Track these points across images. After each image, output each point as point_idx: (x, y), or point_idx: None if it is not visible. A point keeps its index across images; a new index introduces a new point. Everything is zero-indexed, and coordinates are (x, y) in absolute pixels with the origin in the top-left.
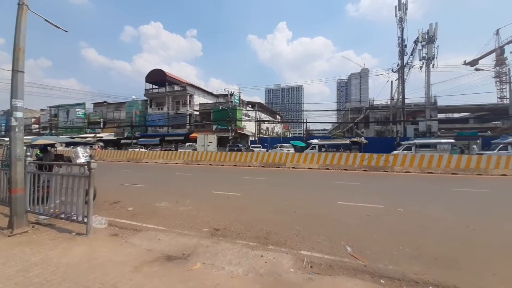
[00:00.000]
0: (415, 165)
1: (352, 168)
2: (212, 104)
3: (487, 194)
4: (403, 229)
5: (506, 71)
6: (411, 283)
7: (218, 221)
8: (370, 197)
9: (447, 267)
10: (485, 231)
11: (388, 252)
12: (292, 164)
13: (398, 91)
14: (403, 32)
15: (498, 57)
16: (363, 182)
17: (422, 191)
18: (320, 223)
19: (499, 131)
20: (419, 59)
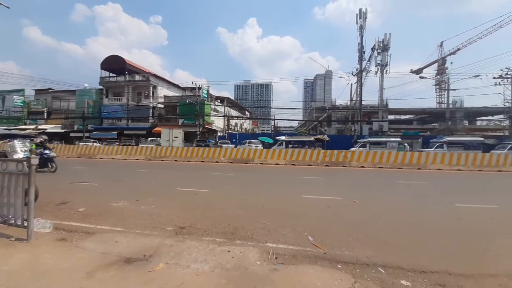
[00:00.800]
0: (368, 161)
1: (316, 164)
2: (178, 97)
3: (426, 186)
4: (357, 218)
5: (445, 79)
6: (363, 266)
7: (183, 219)
8: (330, 190)
9: (393, 250)
10: (424, 217)
11: (345, 239)
12: (260, 160)
13: (356, 93)
14: (362, 39)
15: (439, 67)
16: (324, 177)
17: (374, 184)
18: (285, 216)
19: (437, 131)
20: (375, 65)
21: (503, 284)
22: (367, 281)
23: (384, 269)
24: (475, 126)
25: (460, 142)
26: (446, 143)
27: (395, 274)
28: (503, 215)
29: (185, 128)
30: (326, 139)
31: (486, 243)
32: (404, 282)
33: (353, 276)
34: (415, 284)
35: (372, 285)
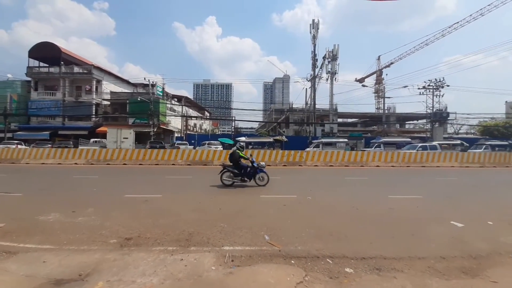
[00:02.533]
0: (321, 160)
1: (274, 164)
2: (129, 94)
3: (366, 181)
4: (310, 214)
5: (382, 88)
6: (313, 258)
7: (130, 229)
8: (287, 189)
9: (339, 241)
10: (363, 209)
11: (298, 235)
12: (219, 162)
13: (311, 97)
14: (315, 47)
15: (377, 77)
16: (282, 176)
17: (325, 181)
18: (243, 217)
19: (376, 133)
20: (326, 72)
21: (431, 265)
22: (317, 273)
23: (332, 260)
24: (405, 128)
25: (393, 142)
26: (383, 143)
27: (340, 263)
28: (426, 204)
29: (137, 128)
30: (285, 140)
31: (414, 229)
32: (348, 269)
33: (305, 269)
34: (357, 270)
35: (321, 276)
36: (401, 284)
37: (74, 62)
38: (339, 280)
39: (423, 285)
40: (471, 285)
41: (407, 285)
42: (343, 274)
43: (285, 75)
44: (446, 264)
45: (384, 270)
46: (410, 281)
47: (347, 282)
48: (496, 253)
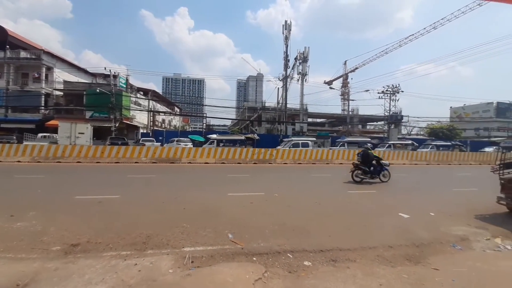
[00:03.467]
0: (290, 158)
1: (245, 162)
2: (86, 85)
3: (330, 177)
4: (275, 211)
5: (347, 91)
6: (275, 254)
7: (78, 234)
8: (255, 187)
9: (300, 235)
10: (325, 204)
11: (262, 232)
12: (188, 159)
13: (282, 97)
14: (287, 48)
15: (344, 81)
16: (252, 174)
17: (293, 178)
18: (208, 216)
19: (341, 133)
20: (297, 73)
21: (380, 254)
22: (277, 268)
23: (292, 254)
24: (366, 129)
25: (356, 141)
26: (347, 142)
27: (300, 257)
28: (379, 197)
29: (95, 122)
30: (256, 138)
31: (367, 221)
32: (307, 263)
33: (265, 266)
34: (315, 263)
35: (281, 271)
36: (353, 273)
37: (22, 46)
38: (297, 274)
39: (371, 273)
40: (414, 271)
41: (358, 274)
42: (302, 268)
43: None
44: (393, 252)
45: (339, 261)
46: (360, 270)
47: (304, 275)
48: (437, 242)
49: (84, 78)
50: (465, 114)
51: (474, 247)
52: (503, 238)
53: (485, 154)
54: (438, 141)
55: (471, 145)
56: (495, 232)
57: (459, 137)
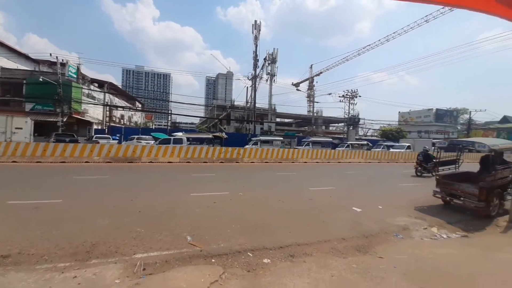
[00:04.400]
0: (257, 157)
1: (211, 161)
2: (27, 72)
3: (294, 175)
4: (239, 210)
5: (312, 94)
6: (235, 254)
7: (9, 244)
8: (220, 186)
9: (262, 233)
10: (287, 201)
11: (224, 232)
12: (149, 158)
13: (251, 96)
14: (257, 48)
15: (310, 84)
16: (218, 173)
17: (259, 177)
18: (167, 218)
19: (306, 133)
20: (266, 73)
21: (333, 246)
22: (236, 268)
23: (252, 253)
24: (329, 130)
25: (319, 141)
26: (311, 142)
27: (260, 255)
28: (337, 193)
29: (38, 116)
30: (225, 136)
31: (325, 216)
32: (266, 260)
33: (224, 267)
34: (274, 259)
35: (239, 271)
36: (308, 267)
37: None
38: (256, 272)
39: (325, 265)
40: (362, 261)
41: (313, 267)
42: (261, 266)
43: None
44: (345, 244)
45: (297, 256)
46: (315, 263)
47: (262, 272)
48: (383, 232)
49: (25, 65)
50: (411, 119)
51: (414, 235)
52: (438, 228)
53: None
54: (388, 142)
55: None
56: (432, 222)
57: (405, 139)
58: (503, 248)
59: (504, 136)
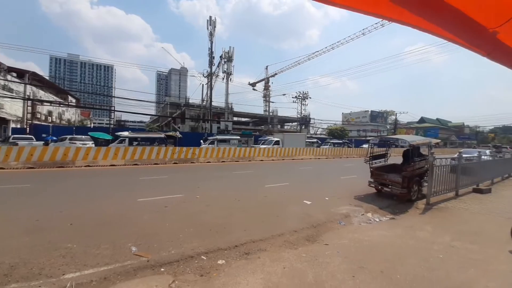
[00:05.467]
0: (214, 156)
1: (163, 162)
2: None
3: (251, 174)
4: (193, 212)
5: (268, 94)
6: (187, 259)
7: None
8: (173, 189)
9: (217, 234)
10: (243, 199)
11: (175, 237)
12: (85, 162)
13: (207, 94)
14: (212, 45)
15: (266, 84)
16: (170, 175)
17: (215, 177)
18: (106, 229)
19: (263, 132)
20: (222, 71)
21: (286, 239)
22: (188, 275)
23: (206, 256)
24: (284, 129)
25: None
26: (268, 140)
27: (214, 257)
28: (290, 189)
29: None
30: (179, 136)
31: (279, 211)
32: (220, 261)
33: (174, 274)
34: (229, 259)
35: (192, 277)
36: (262, 262)
37: None
38: (209, 276)
39: (278, 258)
40: (311, 249)
41: (267, 262)
42: (215, 268)
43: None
44: (296, 236)
45: (252, 253)
46: (269, 257)
47: (216, 275)
48: (329, 221)
49: None
50: (351, 119)
51: (353, 221)
52: (372, 213)
53: (363, 149)
54: (334, 140)
55: (355, 143)
56: (368, 209)
57: (347, 137)
58: (421, 227)
59: (421, 133)
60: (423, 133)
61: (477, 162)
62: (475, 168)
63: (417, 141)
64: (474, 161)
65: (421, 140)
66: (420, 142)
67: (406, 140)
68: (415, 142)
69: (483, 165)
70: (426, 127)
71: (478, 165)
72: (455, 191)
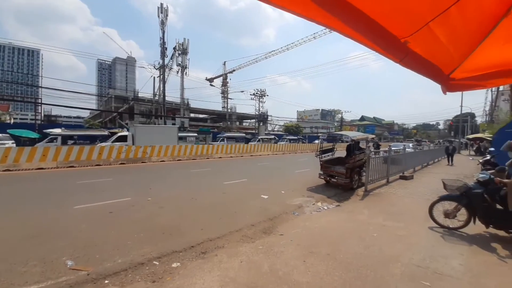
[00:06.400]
0: (168, 154)
1: (108, 163)
2: None
3: (208, 171)
4: (144, 216)
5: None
6: (137, 267)
7: None
8: (119, 192)
9: (171, 237)
10: (200, 198)
11: (122, 245)
12: (4, 166)
13: (159, 88)
14: (164, 34)
15: (224, 80)
16: (116, 177)
17: (170, 176)
18: (36, 242)
19: (221, 129)
20: (176, 64)
21: (244, 234)
22: (138, 283)
23: (159, 260)
24: (242, 126)
25: (233, 136)
26: (226, 137)
27: (168, 261)
28: (249, 185)
29: None
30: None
31: (237, 207)
32: (175, 264)
33: (122, 285)
34: (184, 261)
35: (142, 285)
36: (219, 259)
37: None
38: (162, 280)
39: (235, 253)
40: (267, 241)
41: (224, 258)
42: (169, 272)
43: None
44: (254, 229)
45: (209, 252)
46: (226, 254)
47: (170, 279)
48: (284, 213)
49: None
50: (305, 117)
51: (306, 211)
52: (322, 202)
53: (315, 144)
54: (290, 136)
55: (308, 139)
56: (318, 198)
57: (302, 133)
58: (360, 211)
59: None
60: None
61: (402, 154)
62: (401, 159)
63: (357, 136)
64: (401, 153)
65: (361, 136)
66: (360, 137)
67: (349, 136)
68: (356, 137)
69: (407, 156)
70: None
71: (403, 156)
72: (386, 178)
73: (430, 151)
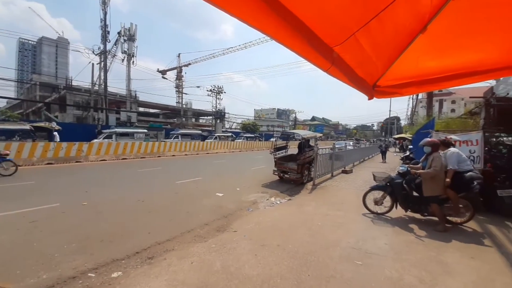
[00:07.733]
0: (111, 153)
1: (29, 163)
2: None
3: (159, 170)
4: (76, 223)
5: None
6: (67, 282)
7: None
8: (45, 197)
9: (111, 245)
10: (150, 200)
11: (48, 258)
12: None
13: (100, 77)
14: (106, 16)
15: (178, 74)
16: (41, 179)
17: (111, 178)
18: None
19: (175, 125)
20: (122, 52)
21: (197, 234)
22: None
23: (95, 272)
24: (198, 122)
25: (189, 134)
26: (181, 134)
27: (107, 271)
28: (203, 183)
29: None
30: (56, 127)
31: (190, 207)
32: (115, 274)
33: None
34: (127, 269)
35: None
36: (168, 262)
37: None
38: None
39: (186, 255)
40: (220, 239)
41: (173, 261)
42: (107, 283)
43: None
44: (207, 228)
45: (157, 256)
46: (176, 256)
47: None
48: (239, 209)
49: None
50: (262, 115)
51: (260, 207)
52: (275, 197)
53: (271, 142)
54: (247, 134)
55: (265, 136)
56: (272, 194)
57: (259, 131)
58: (308, 203)
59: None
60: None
61: (344, 151)
62: (343, 155)
63: (307, 135)
64: (343, 150)
65: (310, 134)
66: (309, 135)
67: (300, 134)
68: (306, 135)
69: (348, 153)
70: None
71: (345, 153)
72: (331, 173)
73: (366, 149)
